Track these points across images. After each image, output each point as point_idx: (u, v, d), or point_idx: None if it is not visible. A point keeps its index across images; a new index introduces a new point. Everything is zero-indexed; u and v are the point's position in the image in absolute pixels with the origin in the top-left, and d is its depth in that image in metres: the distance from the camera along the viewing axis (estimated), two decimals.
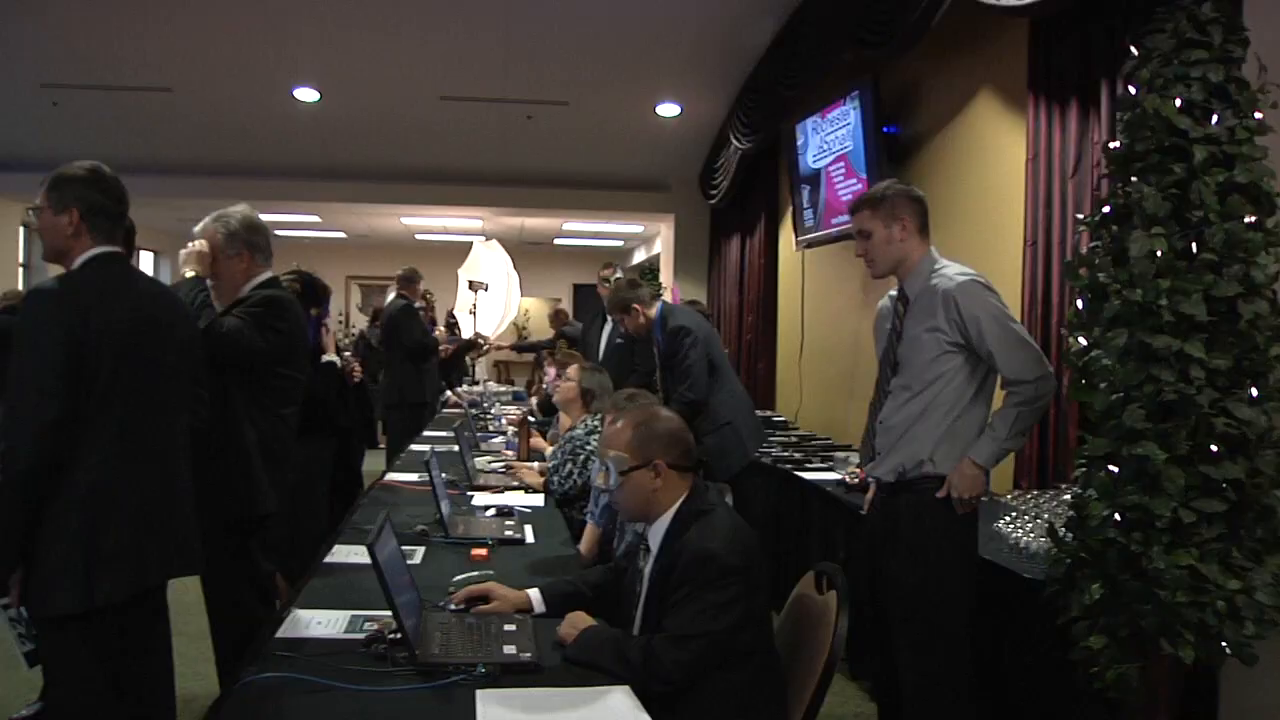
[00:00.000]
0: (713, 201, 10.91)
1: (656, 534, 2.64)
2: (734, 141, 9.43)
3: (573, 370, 5.09)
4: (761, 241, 9.68)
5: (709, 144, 10.75)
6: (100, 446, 2.58)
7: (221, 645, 3.39)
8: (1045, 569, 2.94)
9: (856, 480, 4.92)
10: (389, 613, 2.41)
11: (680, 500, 2.64)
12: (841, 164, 6.94)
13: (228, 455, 3.32)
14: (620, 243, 18.20)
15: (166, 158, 11.49)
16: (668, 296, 10.55)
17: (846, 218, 6.84)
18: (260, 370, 3.45)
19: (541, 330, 16.30)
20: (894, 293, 3.45)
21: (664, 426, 2.72)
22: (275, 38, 8.87)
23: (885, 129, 6.41)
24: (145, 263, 17.26)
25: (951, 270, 3.22)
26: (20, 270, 13.64)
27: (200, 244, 3.45)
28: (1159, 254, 2.58)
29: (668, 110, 10.01)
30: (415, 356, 8.15)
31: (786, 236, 8.81)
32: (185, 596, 3.03)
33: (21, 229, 13.57)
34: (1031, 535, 3.48)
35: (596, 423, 4.45)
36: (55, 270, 2.82)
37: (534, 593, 2.83)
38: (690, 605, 2.41)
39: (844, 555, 4.62)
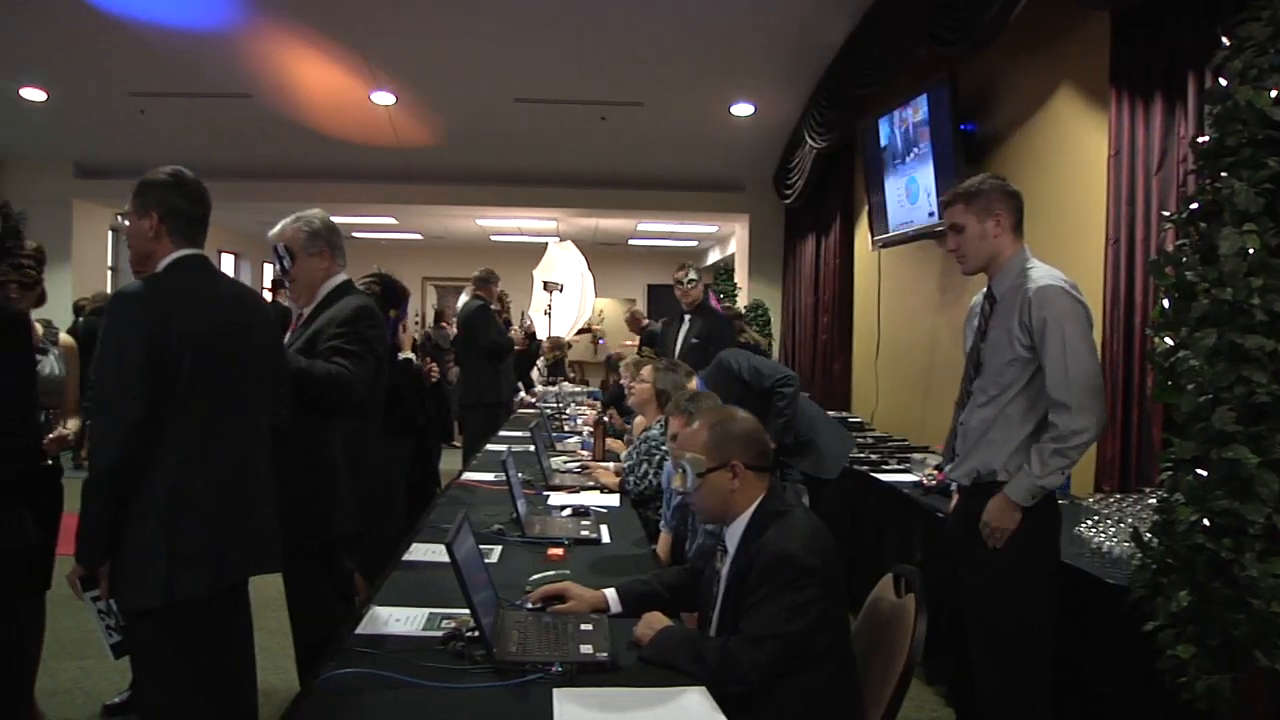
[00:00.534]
0: (787, 201, 10.85)
1: (734, 535, 2.63)
2: (808, 140, 9.37)
3: (646, 371, 5.09)
4: (837, 241, 9.61)
5: (783, 143, 10.69)
6: (181, 446, 2.63)
7: (302, 641, 3.44)
8: (1130, 575, 2.86)
9: (934, 482, 4.86)
10: (466, 611, 2.43)
11: (758, 501, 2.62)
12: (917, 162, 6.86)
13: (313, 472, 3.33)
14: (694, 243, 18.18)
15: (247, 162, 11.72)
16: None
17: (922, 217, 6.83)
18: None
19: (618, 331, 16.34)
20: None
21: (740, 427, 2.70)
22: (353, 43, 8.99)
23: (962, 126, 6.32)
24: (226, 265, 17.61)
25: (1040, 272, 3.13)
26: (109, 273, 14.00)
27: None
28: (1251, 251, 2.50)
29: (742, 110, 9.98)
30: (491, 356, 8.20)
31: (862, 236, 8.73)
32: (266, 592, 3.07)
33: (110, 233, 13.93)
34: (1115, 540, 3.40)
35: None
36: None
37: (610, 592, 2.83)
38: (767, 606, 2.39)
39: (921, 558, 4.56)
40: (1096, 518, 3.72)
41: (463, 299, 9.01)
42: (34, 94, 10.49)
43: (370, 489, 3.51)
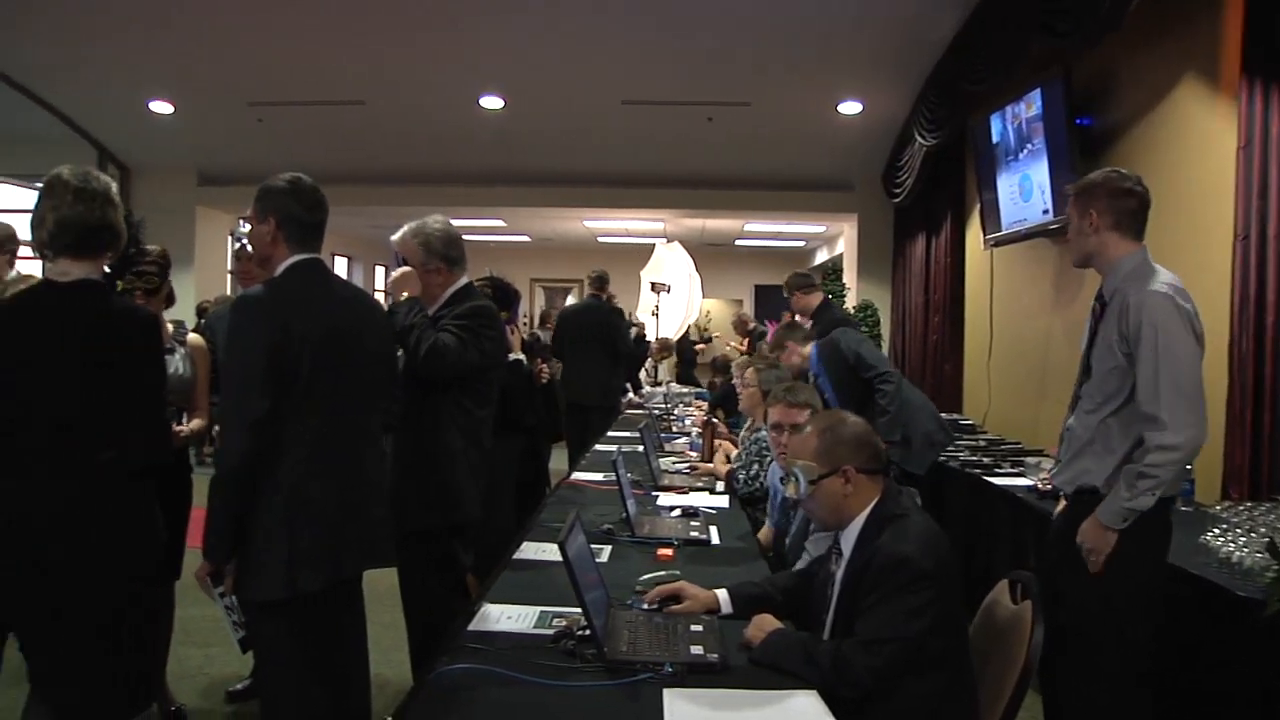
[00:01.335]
0: (896, 200, 10.69)
1: (849, 538, 2.60)
2: (918, 138, 9.22)
3: (750, 373, 5.07)
4: (947, 240, 9.45)
5: (892, 141, 10.54)
6: (300, 446, 2.71)
7: (415, 634, 3.50)
8: (1266, 587, 2.74)
9: (1048, 486, 4.73)
10: (577, 609, 2.45)
11: (872, 504, 2.59)
12: (1031, 159, 6.71)
13: (435, 461, 3.39)
14: (802, 243, 18.04)
15: (359, 167, 11.98)
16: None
17: (1036, 215, 6.67)
18: (470, 377, 3.51)
19: (724, 332, 16.30)
20: None
21: (850, 431, 2.66)
22: (462, 49, 9.13)
23: (1078, 121, 6.15)
24: (339, 268, 18.03)
25: (1149, 276, 2.98)
26: (228, 277, 14.46)
27: (407, 269, 3.51)
28: None
29: (850, 108, 9.87)
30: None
31: (974, 234, 8.57)
32: (379, 587, 3.14)
33: (230, 238, 14.38)
34: (1245, 550, 3.26)
35: None
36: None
37: (722, 593, 2.82)
38: (882, 610, 2.36)
39: (1035, 563, 4.44)
40: (1224, 526, 3.56)
41: (570, 300, 9.05)
42: (162, 107, 10.91)
43: (483, 484, 3.55)
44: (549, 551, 3.38)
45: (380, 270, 20.80)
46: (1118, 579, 2.94)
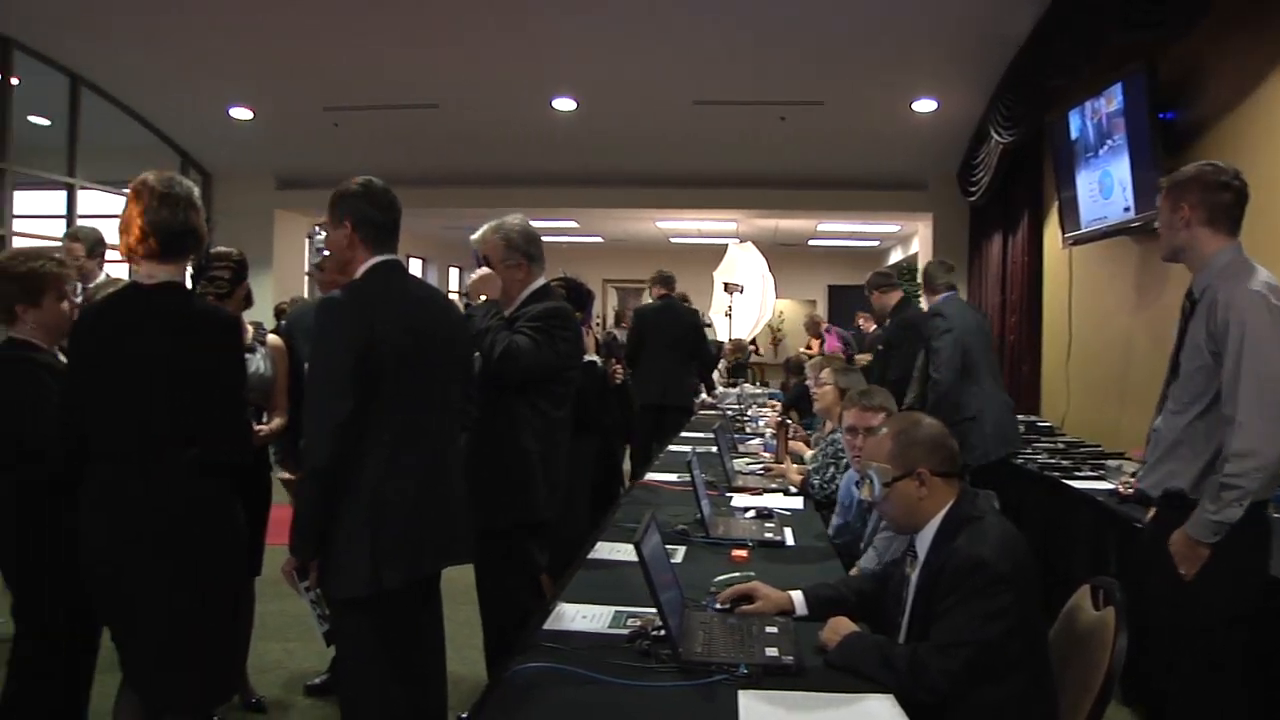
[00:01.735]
0: (972, 199, 10.55)
1: (924, 541, 2.57)
2: (994, 136, 9.09)
3: (826, 374, 5.04)
4: (1025, 239, 9.30)
5: (968, 139, 10.41)
6: (383, 445, 2.75)
7: (491, 632, 3.54)
8: None
9: (1130, 490, 4.63)
10: (651, 610, 2.45)
11: (947, 506, 2.56)
12: (1111, 155, 6.58)
13: (509, 461, 3.43)
14: (876, 243, 17.89)
15: (434, 169, 12.11)
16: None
17: (1117, 213, 6.54)
18: (546, 379, 3.53)
19: (797, 333, 16.21)
20: None
21: (925, 433, 2.64)
22: (535, 52, 9.20)
23: (1161, 115, 6.01)
24: (414, 269, 18.25)
25: (1243, 273, 2.90)
26: (306, 279, 14.71)
27: (488, 270, 3.55)
28: None
29: (924, 106, 9.77)
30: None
31: (1052, 233, 8.42)
32: (454, 584, 3.18)
33: (307, 240, 14.62)
34: None
35: None
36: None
37: (797, 595, 2.81)
38: (958, 613, 2.33)
39: (1116, 570, 4.35)
40: None
41: (643, 299, 9.05)
42: (241, 113, 11.17)
43: (559, 485, 3.58)
44: (623, 552, 3.41)
45: (455, 272, 21.03)
46: (1211, 587, 2.87)
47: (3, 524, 3.23)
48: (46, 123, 11.32)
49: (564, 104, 10.38)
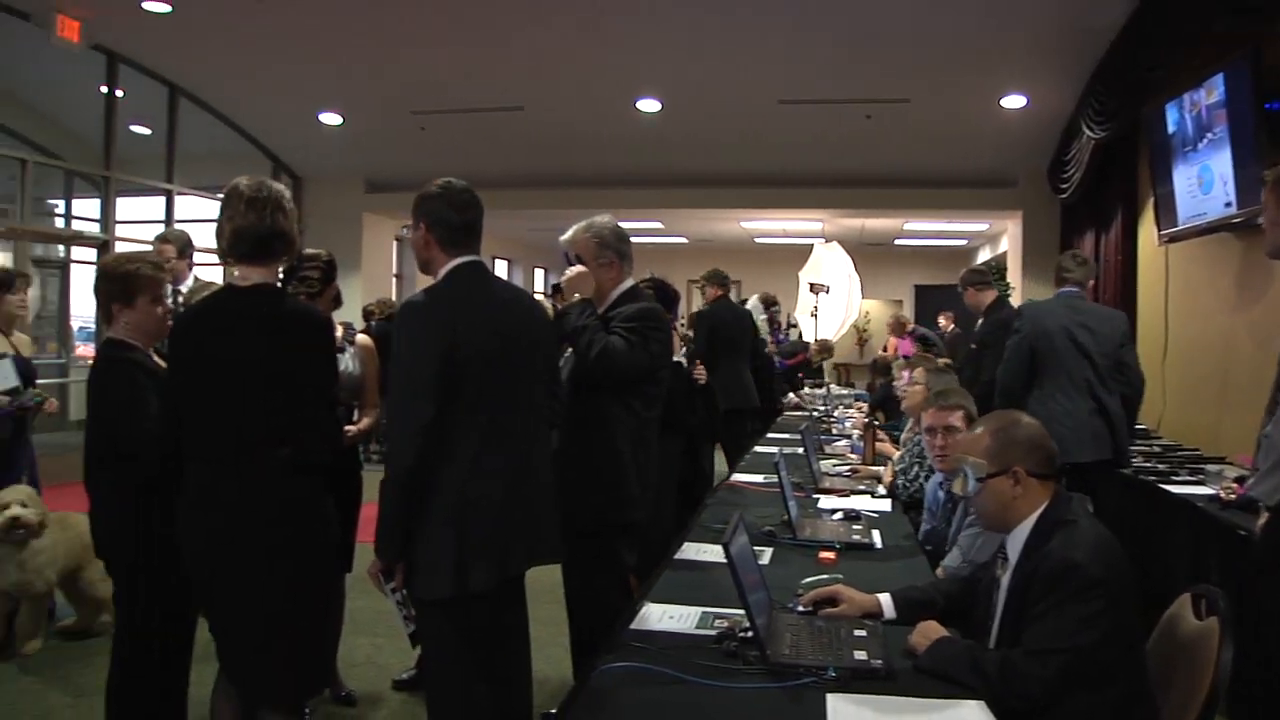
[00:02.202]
0: (1063, 196, 10.34)
1: (1015, 543, 2.51)
2: (1086, 131, 8.89)
3: (918, 373, 4.98)
4: (1118, 236, 9.08)
5: (1058, 135, 10.22)
6: (467, 446, 2.78)
7: (578, 631, 3.55)
8: None
9: (1233, 496, 4.48)
10: (738, 611, 2.44)
11: (1041, 509, 2.50)
12: (1212, 149, 6.39)
13: (601, 461, 3.44)
14: (963, 242, 17.63)
15: (519, 172, 12.23)
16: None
17: (1217, 208, 6.34)
18: (638, 380, 3.53)
19: (882, 333, 16.04)
20: None
21: (1024, 433, 2.58)
22: (619, 53, 9.23)
23: (1268, 105, 5.81)
24: (500, 270, 18.42)
25: None
26: (393, 280, 14.95)
27: (582, 268, 3.55)
28: None
29: (1013, 102, 9.62)
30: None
31: (1147, 230, 8.21)
32: (539, 583, 3.19)
33: (394, 243, 14.88)
34: None
35: None
36: (424, 281, 3.04)
37: (885, 598, 2.77)
38: (1051, 618, 2.27)
39: (1218, 578, 4.21)
40: None
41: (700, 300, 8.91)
42: (331, 118, 11.39)
43: (649, 485, 3.58)
44: (709, 552, 3.40)
45: (540, 273, 21.18)
46: None
47: (103, 523, 3.33)
48: (147, 132, 11.70)
49: (648, 105, 10.41)
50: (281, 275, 3.36)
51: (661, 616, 2.73)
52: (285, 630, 2.83)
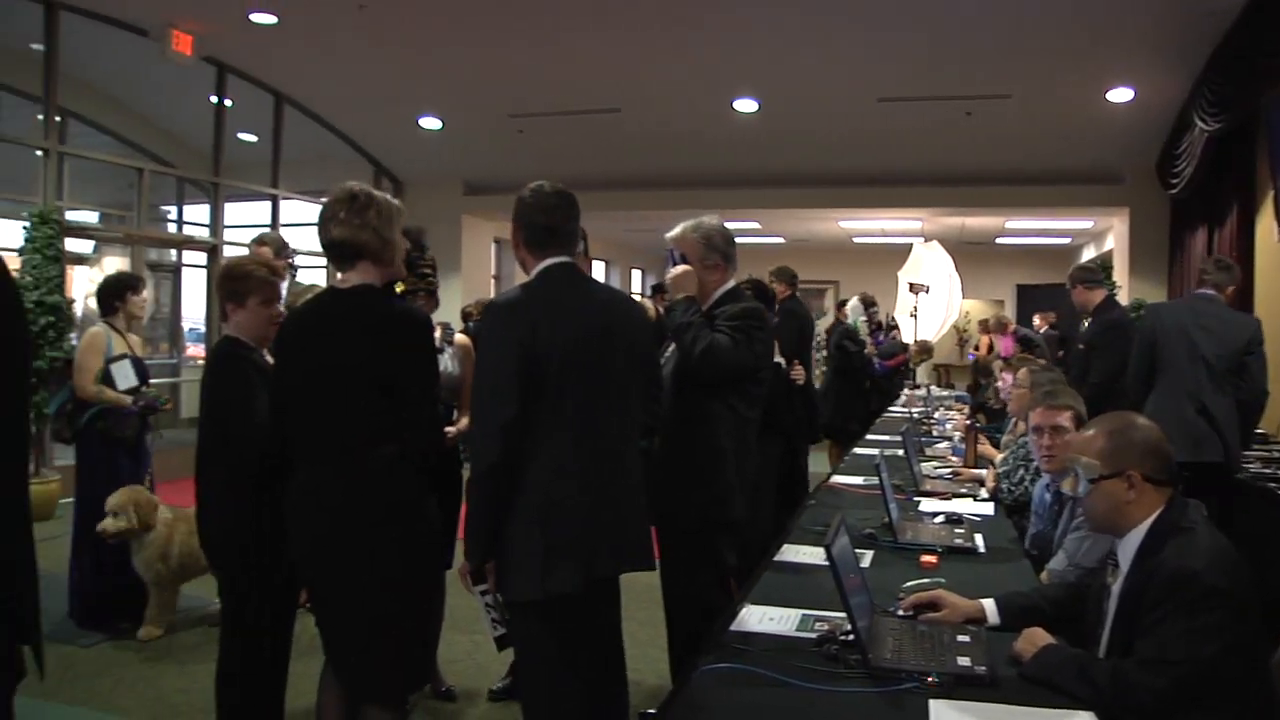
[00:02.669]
0: (1173, 191, 10.05)
1: (1128, 549, 2.43)
2: (1198, 123, 8.61)
3: (1022, 374, 4.87)
4: (1233, 232, 8.78)
5: (1168, 129, 9.93)
6: (554, 446, 2.77)
7: (677, 632, 3.54)
8: None
9: None
10: (839, 614, 2.41)
11: (1155, 515, 2.41)
12: None
13: (703, 460, 3.42)
14: (1067, 240, 17.22)
15: (615, 173, 12.29)
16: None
17: None
18: (741, 379, 3.52)
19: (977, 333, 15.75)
20: None
21: (1140, 435, 2.49)
22: (716, 54, 9.22)
23: None
24: (597, 271, 18.52)
25: None
26: (492, 281, 15.13)
27: (687, 266, 3.54)
28: None
29: (1120, 95, 9.36)
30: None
31: (1265, 225, 7.92)
32: (636, 583, 3.18)
33: (493, 244, 15.06)
34: None
35: None
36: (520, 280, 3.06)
37: (989, 603, 2.71)
38: (1167, 628, 2.18)
39: None
40: None
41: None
42: (431, 123, 11.59)
43: (749, 486, 3.56)
44: (809, 554, 3.39)
45: (637, 274, 21.24)
46: None
47: (211, 518, 3.43)
48: (254, 139, 12.02)
49: (745, 105, 10.38)
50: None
51: (761, 618, 2.71)
52: (390, 629, 2.87)
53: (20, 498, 2.14)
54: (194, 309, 13.13)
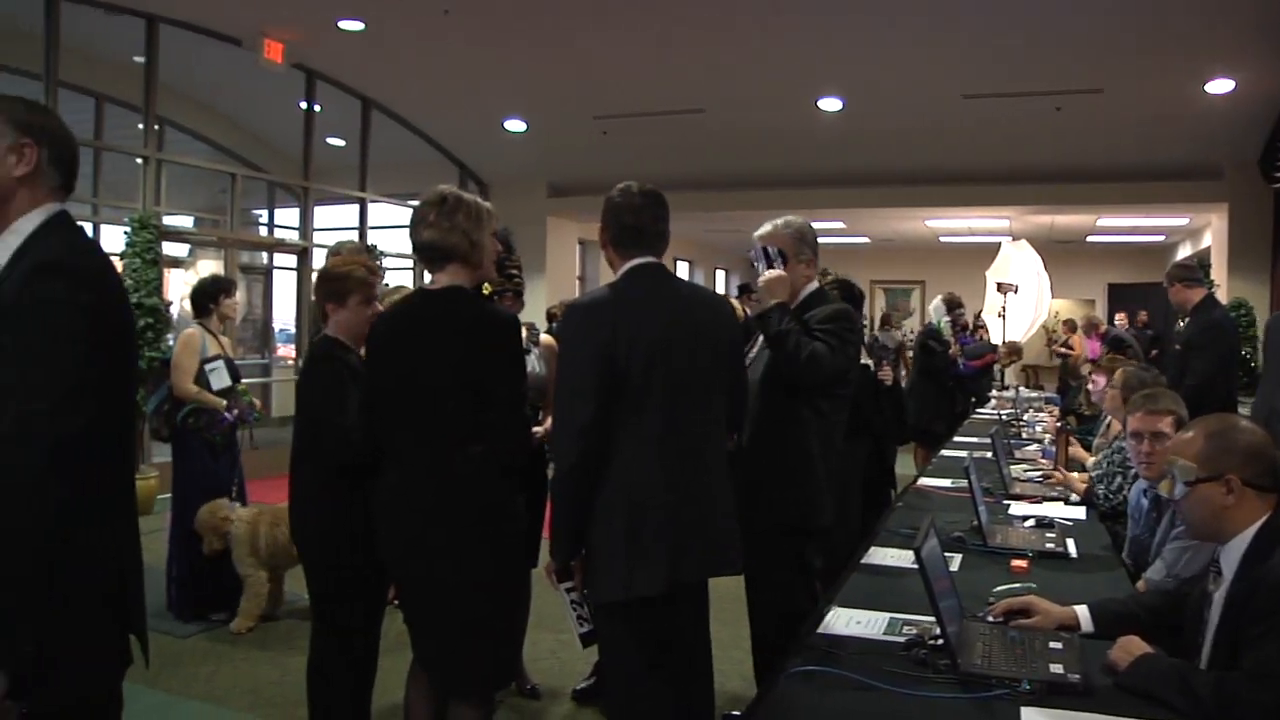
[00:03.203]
0: (1277, 185, 9.71)
1: (1231, 556, 2.34)
2: None
3: (1118, 375, 4.74)
4: None
5: (1271, 120, 9.62)
6: (637, 447, 2.77)
7: (761, 634, 3.53)
8: None
9: None
10: (928, 618, 2.38)
11: (1260, 521, 2.31)
12: None
13: (791, 463, 3.39)
14: (1161, 237, 16.80)
15: (699, 173, 12.30)
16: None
17: None
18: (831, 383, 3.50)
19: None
20: None
21: (1243, 439, 2.39)
22: (799, 53, 9.16)
23: None
24: (680, 271, 18.52)
25: None
26: (577, 283, 15.22)
27: (779, 272, 3.50)
28: None
29: (1219, 87, 9.10)
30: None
31: None
32: (718, 586, 3.16)
33: (578, 246, 15.15)
34: None
35: None
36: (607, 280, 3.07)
37: (1082, 610, 2.64)
38: (1274, 641, 2.09)
39: None
40: None
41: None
42: (516, 125, 11.69)
43: (836, 488, 3.52)
44: (896, 557, 3.35)
45: (720, 274, 21.20)
46: None
47: (303, 516, 3.49)
48: (342, 143, 12.24)
49: (829, 104, 10.29)
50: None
51: (849, 621, 2.69)
52: (480, 629, 2.91)
53: (129, 493, 2.24)
54: (284, 310, 13.42)
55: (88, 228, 8.42)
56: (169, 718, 4.24)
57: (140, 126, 9.62)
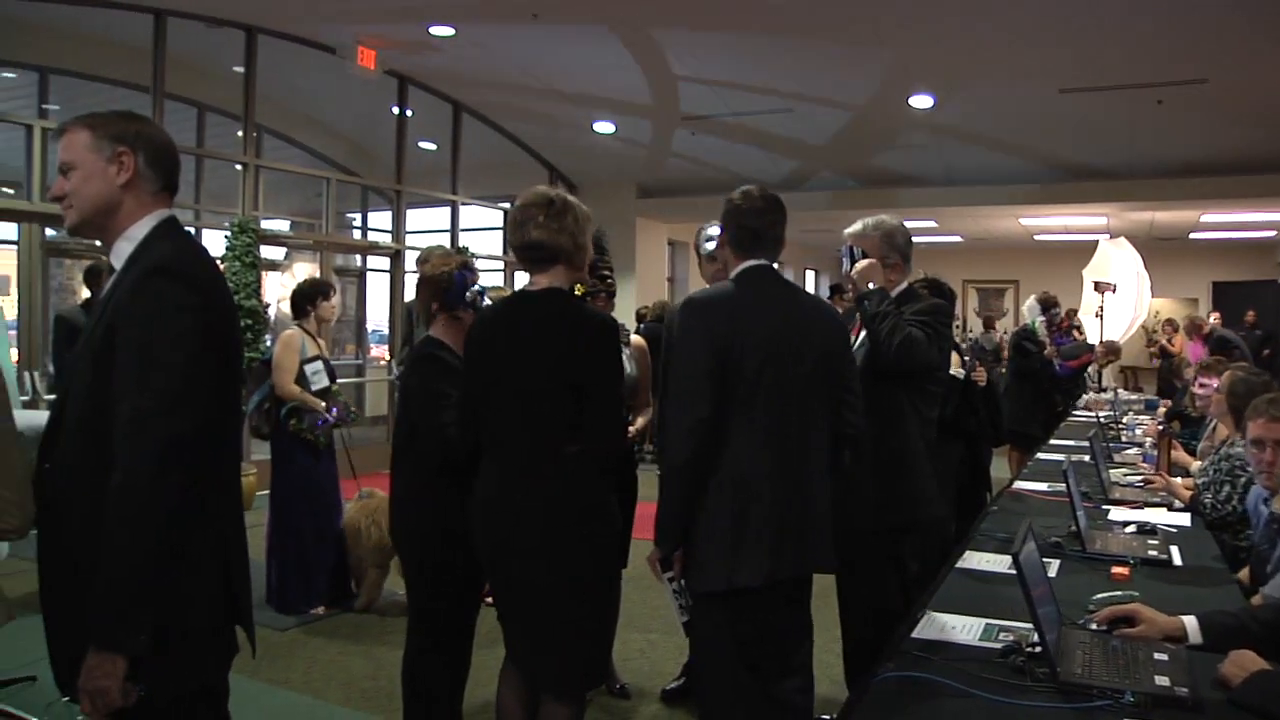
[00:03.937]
0: None
1: None
2: None
3: (1227, 377, 4.58)
4: None
5: None
6: (744, 445, 2.80)
7: (853, 635, 3.51)
8: None
9: None
10: (1025, 624, 2.33)
11: None
12: None
13: (887, 461, 3.37)
14: (1271, 234, 16.24)
15: (785, 174, 12.20)
16: None
17: None
18: (923, 377, 3.48)
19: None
20: None
21: None
22: (890, 51, 9.05)
23: None
24: None
25: None
26: (666, 284, 15.25)
27: (872, 260, 3.50)
28: None
29: None
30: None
31: None
32: (814, 586, 3.14)
33: (668, 246, 15.17)
34: None
35: None
36: (696, 283, 3.08)
37: (1190, 621, 2.54)
38: None
39: None
40: None
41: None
42: (604, 126, 11.75)
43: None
44: (992, 562, 3.30)
45: (810, 274, 21.06)
46: None
47: (402, 512, 3.55)
48: (433, 147, 12.41)
49: (920, 100, 10.14)
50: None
51: (944, 626, 2.64)
52: (574, 628, 2.93)
53: (235, 490, 2.31)
54: (378, 312, 13.64)
55: (190, 232, 8.69)
56: (268, 707, 4.34)
57: (240, 134, 9.90)
